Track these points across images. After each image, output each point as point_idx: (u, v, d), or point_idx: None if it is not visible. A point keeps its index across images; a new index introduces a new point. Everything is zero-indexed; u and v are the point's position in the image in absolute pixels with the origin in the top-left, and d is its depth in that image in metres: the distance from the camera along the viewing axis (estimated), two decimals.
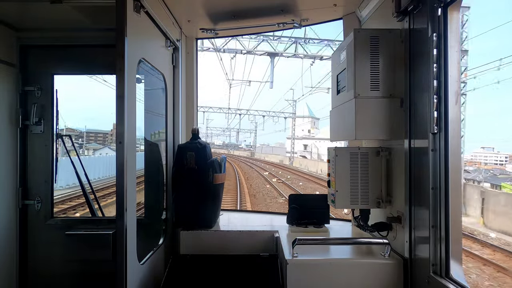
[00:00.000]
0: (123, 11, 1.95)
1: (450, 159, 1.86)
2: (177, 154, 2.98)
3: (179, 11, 2.97)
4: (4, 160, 2.89)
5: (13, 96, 2.98)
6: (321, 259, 2.28)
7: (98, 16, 2.77)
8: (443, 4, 1.87)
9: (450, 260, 1.85)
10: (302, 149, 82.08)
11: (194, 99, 3.56)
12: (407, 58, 2.13)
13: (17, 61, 3.01)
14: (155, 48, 2.67)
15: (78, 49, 3.16)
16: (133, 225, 2.08)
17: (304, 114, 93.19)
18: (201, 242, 2.92)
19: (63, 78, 3.30)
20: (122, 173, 1.94)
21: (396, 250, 2.30)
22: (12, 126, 2.98)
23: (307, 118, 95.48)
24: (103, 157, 26.48)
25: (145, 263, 2.40)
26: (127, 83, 1.96)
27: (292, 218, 2.99)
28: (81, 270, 3.11)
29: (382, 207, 2.40)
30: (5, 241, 2.90)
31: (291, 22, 3.17)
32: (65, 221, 3.14)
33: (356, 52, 2.23)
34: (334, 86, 2.71)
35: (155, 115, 3.19)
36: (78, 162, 3.42)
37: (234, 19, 3.17)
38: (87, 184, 3.43)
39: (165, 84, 2.97)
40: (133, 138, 2.09)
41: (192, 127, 3.25)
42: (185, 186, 2.92)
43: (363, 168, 2.40)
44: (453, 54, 1.86)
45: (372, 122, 2.24)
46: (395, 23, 2.23)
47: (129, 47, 1.98)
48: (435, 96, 1.85)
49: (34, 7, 2.67)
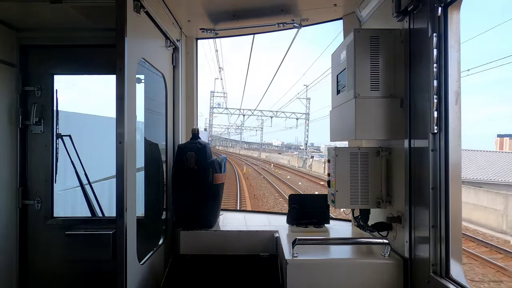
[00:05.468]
0: (123, 11, 1.95)
1: (450, 159, 1.86)
2: (177, 154, 2.98)
3: (179, 11, 2.97)
4: (4, 160, 2.89)
5: (13, 96, 2.98)
6: (321, 259, 2.28)
7: (98, 16, 2.77)
8: (443, 4, 1.86)
9: (450, 260, 1.85)
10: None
11: (194, 99, 3.56)
12: (407, 58, 2.13)
13: (17, 61, 3.01)
14: (155, 48, 2.67)
15: (78, 49, 3.16)
16: (133, 225, 2.08)
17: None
18: (201, 242, 2.92)
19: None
20: (122, 173, 1.94)
21: (396, 250, 2.30)
22: (12, 126, 2.98)
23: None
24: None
25: (145, 263, 2.40)
26: (127, 83, 1.96)
27: (292, 218, 2.99)
28: (81, 270, 3.11)
29: (382, 207, 2.40)
30: (5, 241, 2.90)
31: (291, 22, 3.17)
32: (65, 221, 3.14)
33: (356, 52, 2.23)
34: (334, 86, 2.71)
35: (155, 114, 3.20)
36: (78, 162, 3.42)
37: (234, 19, 3.17)
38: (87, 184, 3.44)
39: (165, 84, 2.97)
40: (133, 138, 2.09)
41: (192, 127, 3.25)
42: (185, 186, 2.92)
43: (363, 168, 2.40)
44: (453, 54, 1.86)
45: (372, 122, 2.23)
46: (395, 23, 2.23)
47: (129, 47, 1.98)
48: (435, 96, 1.85)
49: (34, 7, 2.67)
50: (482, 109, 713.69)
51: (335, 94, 2.69)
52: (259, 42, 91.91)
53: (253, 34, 3.66)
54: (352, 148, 2.44)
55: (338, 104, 2.61)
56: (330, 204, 2.57)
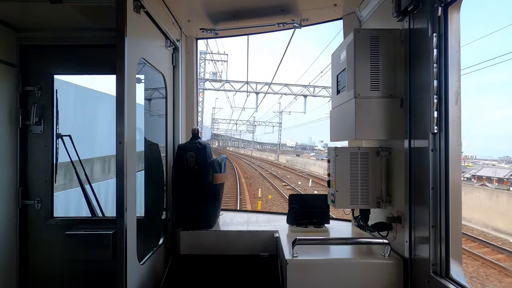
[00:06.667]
0: (123, 11, 1.95)
1: (450, 159, 1.86)
2: (177, 154, 2.98)
3: (179, 11, 2.97)
4: (4, 160, 2.89)
5: (13, 96, 2.97)
6: (321, 259, 2.28)
7: (98, 16, 2.77)
8: (443, 4, 1.86)
9: (450, 260, 1.85)
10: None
11: (194, 99, 3.56)
12: (407, 58, 2.13)
13: (17, 61, 3.00)
14: (155, 48, 2.67)
15: (78, 49, 3.16)
16: (133, 225, 2.08)
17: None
18: (201, 242, 2.92)
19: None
20: (122, 173, 1.94)
21: (396, 250, 2.30)
22: (12, 126, 2.98)
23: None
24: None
25: (145, 263, 2.40)
26: (127, 83, 1.96)
27: (292, 218, 2.99)
28: (81, 270, 3.11)
29: (382, 207, 2.40)
30: (5, 241, 2.90)
31: (291, 22, 3.17)
32: (65, 221, 3.14)
33: (356, 52, 2.23)
34: (334, 86, 2.71)
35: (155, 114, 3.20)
36: (78, 162, 3.42)
37: (234, 19, 3.17)
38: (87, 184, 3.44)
39: (165, 84, 2.97)
40: (133, 138, 2.09)
41: (192, 127, 3.25)
42: (185, 186, 2.92)
43: (363, 168, 2.40)
44: (453, 54, 1.86)
45: (372, 122, 2.24)
46: (395, 23, 2.23)
47: (129, 47, 1.98)
48: (435, 96, 1.85)
49: (34, 7, 2.67)
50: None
51: (335, 94, 2.69)
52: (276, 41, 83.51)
53: (253, 34, 3.66)
54: (352, 148, 2.44)
55: (338, 104, 2.61)
56: (330, 204, 2.57)
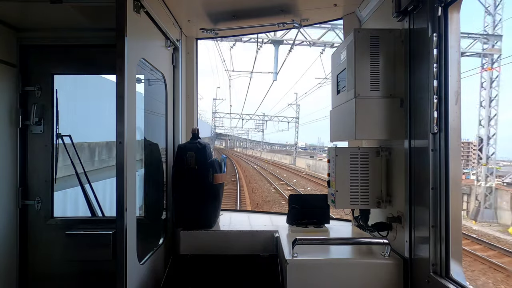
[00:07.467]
0: (123, 11, 1.95)
1: (450, 159, 1.86)
2: (177, 154, 2.98)
3: (179, 11, 2.97)
4: (4, 160, 2.89)
5: (13, 96, 2.97)
6: (321, 259, 2.28)
7: (98, 16, 2.77)
8: (443, 4, 1.86)
9: (450, 260, 1.85)
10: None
11: (194, 99, 3.56)
12: (407, 58, 2.13)
13: (17, 61, 3.00)
14: (155, 48, 2.67)
15: (78, 49, 3.16)
16: (133, 225, 2.08)
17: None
18: (201, 242, 2.92)
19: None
20: (122, 173, 1.94)
21: (396, 250, 2.30)
22: (12, 126, 2.97)
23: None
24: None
25: (145, 263, 2.40)
26: (127, 83, 1.96)
27: (292, 218, 2.99)
28: (81, 270, 3.11)
29: (382, 207, 2.40)
30: (5, 241, 2.90)
31: (291, 22, 3.17)
32: (65, 221, 3.14)
33: (356, 52, 2.23)
34: (334, 86, 2.71)
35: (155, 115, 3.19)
36: (78, 162, 3.42)
37: (234, 19, 3.17)
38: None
39: (165, 84, 2.97)
40: (133, 138, 2.09)
41: (192, 127, 3.25)
42: (185, 186, 2.92)
43: (363, 168, 2.40)
44: (453, 54, 1.86)
45: (372, 122, 2.24)
46: (395, 23, 2.23)
47: (129, 47, 1.98)
48: (435, 96, 1.85)
49: (34, 7, 2.67)
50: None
51: (335, 94, 2.69)
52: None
53: (253, 34, 3.66)
54: (352, 148, 2.44)
55: (338, 104, 2.61)
56: (330, 204, 2.57)
